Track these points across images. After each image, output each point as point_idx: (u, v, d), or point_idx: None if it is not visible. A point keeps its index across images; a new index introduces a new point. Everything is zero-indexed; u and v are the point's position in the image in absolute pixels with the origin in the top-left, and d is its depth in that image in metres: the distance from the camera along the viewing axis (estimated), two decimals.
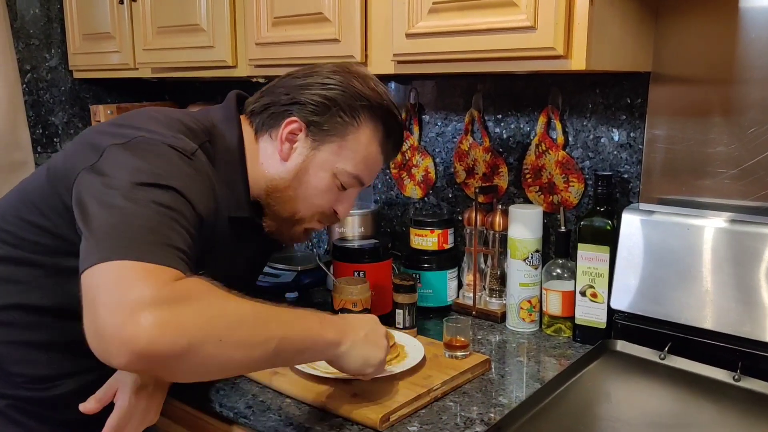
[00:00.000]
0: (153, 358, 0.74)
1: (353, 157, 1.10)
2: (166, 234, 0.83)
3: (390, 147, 1.15)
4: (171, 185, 0.88)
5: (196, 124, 1.04)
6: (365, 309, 1.32)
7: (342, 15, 1.31)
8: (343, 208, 1.15)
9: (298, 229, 1.15)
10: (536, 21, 1.04)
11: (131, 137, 0.94)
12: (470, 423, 1.01)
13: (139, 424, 1.00)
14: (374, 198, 1.81)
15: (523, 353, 1.30)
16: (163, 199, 0.86)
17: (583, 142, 1.43)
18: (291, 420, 1.02)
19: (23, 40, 2.02)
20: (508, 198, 1.55)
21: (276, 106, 1.10)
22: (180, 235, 0.85)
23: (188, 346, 0.75)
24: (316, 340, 0.93)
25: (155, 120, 1.01)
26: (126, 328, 0.72)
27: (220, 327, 0.79)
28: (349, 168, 1.10)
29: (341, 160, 1.09)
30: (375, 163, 1.14)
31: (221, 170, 1.04)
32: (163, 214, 0.85)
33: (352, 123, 1.08)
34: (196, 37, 1.60)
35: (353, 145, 1.09)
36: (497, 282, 1.49)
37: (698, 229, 1.19)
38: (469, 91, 1.59)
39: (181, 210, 0.87)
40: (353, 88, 1.08)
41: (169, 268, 0.79)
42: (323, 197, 1.11)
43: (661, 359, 1.20)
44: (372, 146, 1.11)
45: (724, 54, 1.20)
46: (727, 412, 1.08)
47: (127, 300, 0.74)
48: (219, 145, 1.06)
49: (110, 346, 0.74)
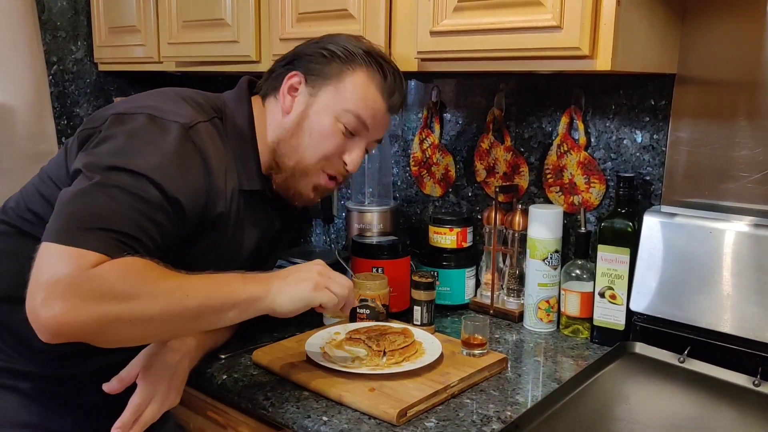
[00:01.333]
0: (66, 337, 0.84)
1: (351, 97, 1.13)
2: (111, 219, 0.89)
3: (390, 91, 1.16)
4: (141, 172, 0.93)
5: (206, 101, 1.11)
6: (383, 305, 1.33)
7: (367, 12, 1.31)
8: (351, 157, 1.16)
9: (306, 183, 1.16)
10: (562, 21, 1.04)
11: (133, 111, 1.01)
12: (487, 420, 1.02)
13: (160, 406, 1.02)
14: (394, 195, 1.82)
15: (541, 353, 1.30)
16: (128, 184, 0.92)
17: (605, 143, 1.43)
18: (309, 413, 1.03)
19: (50, 32, 2.04)
20: (528, 198, 1.55)
21: (278, 67, 1.17)
22: (130, 220, 0.91)
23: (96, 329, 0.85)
24: (239, 298, 0.96)
25: (166, 96, 1.07)
26: (39, 312, 0.83)
27: (128, 309, 0.85)
28: (349, 106, 1.12)
29: (340, 101, 1.13)
30: (375, 102, 1.15)
31: (232, 145, 1.10)
32: (121, 201, 0.91)
33: (348, 68, 1.13)
34: (220, 31, 1.62)
35: (350, 86, 1.13)
36: (515, 281, 1.49)
37: (720, 232, 1.19)
38: (491, 90, 1.59)
39: (144, 196, 0.93)
40: (350, 41, 1.16)
41: (93, 252, 0.86)
42: (327, 142, 1.13)
43: (680, 362, 1.20)
44: (370, 86, 1.14)
45: (750, 57, 1.19)
46: (747, 417, 1.07)
47: (42, 282, 0.84)
48: (229, 121, 1.11)
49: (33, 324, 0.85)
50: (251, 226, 1.15)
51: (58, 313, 0.82)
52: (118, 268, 0.86)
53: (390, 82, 1.17)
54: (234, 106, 1.14)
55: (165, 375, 1.03)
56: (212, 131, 1.06)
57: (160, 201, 0.94)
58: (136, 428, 1.00)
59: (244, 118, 1.13)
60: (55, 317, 0.82)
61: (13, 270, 1.04)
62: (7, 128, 1.86)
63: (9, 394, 1.07)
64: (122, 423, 0.99)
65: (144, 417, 1.01)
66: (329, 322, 1.38)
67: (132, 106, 1.03)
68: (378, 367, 1.12)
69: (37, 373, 1.06)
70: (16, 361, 1.07)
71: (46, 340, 0.86)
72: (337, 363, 1.13)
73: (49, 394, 1.07)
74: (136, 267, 0.88)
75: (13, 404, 1.06)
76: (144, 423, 1.01)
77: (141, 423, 1.01)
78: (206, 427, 1.25)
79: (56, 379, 1.07)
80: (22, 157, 1.90)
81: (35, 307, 0.84)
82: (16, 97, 1.86)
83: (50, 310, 0.82)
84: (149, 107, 1.02)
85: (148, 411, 1.00)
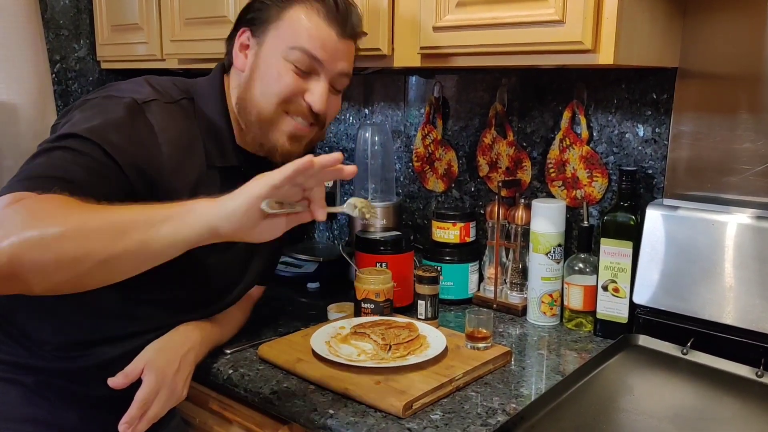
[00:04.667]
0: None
1: (293, 33, 1.09)
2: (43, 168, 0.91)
3: (333, 13, 1.10)
4: (83, 134, 0.95)
5: (177, 85, 1.13)
6: (387, 300, 1.34)
7: (369, 8, 1.32)
8: (312, 96, 1.10)
9: (276, 133, 1.12)
10: (565, 15, 1.04)
11: (95, 96, 1.05)
12: (492, 413, 1.02)
13: (166, 400, 1.03)
14: (396, 190, 1.82)
15: (544, 346, 1.31)
16: (70, 144, 0.94)
17: (607, 137, 1.43)
18: (315, 406, 1.04)
19: (53, 30, 2.05)
20: (531, 192, 1.56)
21: (231, 34, 1.17)
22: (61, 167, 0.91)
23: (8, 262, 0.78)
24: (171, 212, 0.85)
25: (133, 81, 1.10)
26: None
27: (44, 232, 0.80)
28: (292, 43, 1.09)
29: (283, 39, 1.10)
30: (321, 31, 1.10)
31: (203, 123, 1.11)
32: (58, 156, 0.92)
33: (284, 4, 1.11)
34: (223, 28, 1.59)
35: (290, 23, 1.10)
36: (518, 275, 1.49)
37: (722, 225, 1.19)
38: (494, 85, 1.59)
39: (86, 152, 0.93)
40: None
41: (17, 193, 0.85)
42: (279, 83, 1.09)
43: (683, 354, 1.21)
44: (311, 19, 1.09)
45: (752, 50, 1.20)
46: (750, 408, 1.08)
47: None
48: (199, 100, 1.13)
49: None
50: None
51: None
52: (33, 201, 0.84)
53: (332, 6, 1.11)
54: (205, 87, 1.15)
55: (170, 369, 1.04)
56: (174, 110, 1.08)
57: (100, 157, 0.94)
58: (143, 424, 1.00)
59: (215, 98, 1.14)
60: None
61: None
62: (11, 126, 1.87)
63: (13, 387, 1.07)
64: (129, 418, 0.99)
65: (150, 412, 1.01)
66: (334, 317, 1.39)
67: (99, 92, 1.07)
68: (383, 361, 1.13)
69: (41, 366, 1.06)
70: (20, 355, 1.07)
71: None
72: (342, 357, 1.14)
73: (54, 389, 1.08)
74: (55, 198, 0.85)
75: (17, 398, 1.06)
76: (150, 418, 1.01)
77: (147, 418, 1.01)
78: (212, 421, 1.26)
79: (61, 373, 1.08)
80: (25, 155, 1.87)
81: None
82: (19, 96, 1.87)
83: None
84: (110, 89, 1.07)
85: (154, 406, 1.01)
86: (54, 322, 1.06)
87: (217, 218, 0.83)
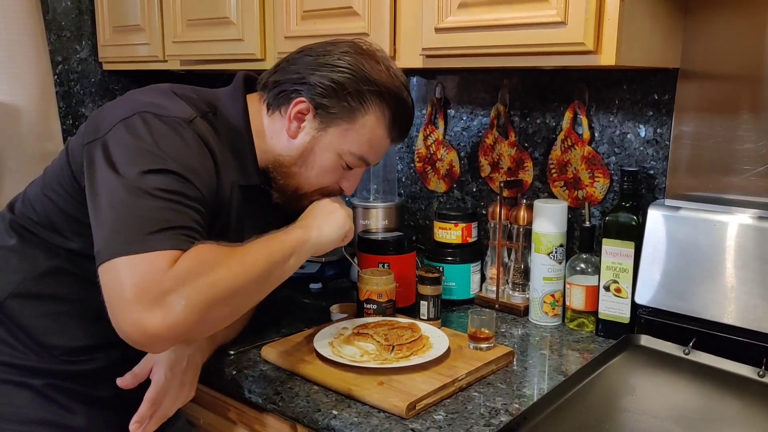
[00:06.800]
0: (177, 338, 0.84)
1: (359, 140, 1.12)
2: (167, 218, 0.89)
3: (397, 130, 1.17)
4: (171, 169, 0.93)
5: (198, 95, 1.10)
6: (390, 300, 1.34)
7: (371, 9, 1.32)
8: (348, 185, 1.18)
9: (305, 202, 1.17)
10: (566, 16, 1.05)
11: (135, 111, 0.99)
12: (495, 413, 1.03)
13: (174, 399, 1.04)
14: (398, 191, 1.83)
15: (546, 346, 1.31)
16: (166, 184, 0.91)
17: (609, 138, 1.44)
18: (319, 406, 1.04)
19: (55, 32, 2.05)
20: (532, 192, 1.56)
21: (286, 84, 1.12)
22: (185, 214, 0.91)
23: (199, 318, 0.84)
24: (292, 245, 1.01)
25: (159, 92, 1.06)
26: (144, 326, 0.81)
27: (217, 287, 0.87)
28: (354, 149, 1.12)
29: (347, 142, 1.12)
30: (381, 144, 1.16)
31: (227, 140, 1.09)
32: (167, 199, 0.90)
33: (359, 108, 1.10)
34: (225, 29, 1.62)
35: (359, 129, 1.12)
36: (520, 276, 1.50)
37: (724, 225, 1.20)
38: (495, 85, 1.60)
39: (183, 191, 0.93)
40: (363, 71, 1.09)
41: (167, 251, 0.85)
42: (327, 176, 1.15)
43: (685, 354, 1.21)
44: (378, 130, 1.13)
45: (753, 50, 1.20)
46: (751, 408, 1.08)
47: (129, 298, 0.82)
48: (222, 116, 1.10)
49: (138, 344, 0.84)
50: (251, 221, 1.15)
51: (162, 319, 0.81)
52: (194, 256, 0.87)
53: (400, 124, 1.15)
54: (228, 102, 1.13)
55: (178, 369, 1.05)
56: (208, 126, 1.06)
57: (195, 193, 0.95)
58: (152, 423, 1.02)
59: (239, 114, 1.12)
60: (162, 324, 0.81)
61: (22, 267, 1.06)
62: (14, 128, 1.88)
63: (21, 390, 1.07)
64: (140, 417, 1.00)
65: (160, 411, 1.03)
66: (336, 317, 1.39)
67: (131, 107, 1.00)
68: (386, 362, 1.13)
69: (51, 369, 1.07)
70: (28, 358, 1.08)
71: (157, 350, 0.89)
72: (345, 358, 1.14)
73: (62, 391, 1.08)
74: (206, 251, 0.89)
75: (25, 401, 1.06)
76: (160, 417, 1.03)
77: (157, 417, 1.03)
78: (216, 422, 1.27)
79: (69, 375, 1.08)
80: (28, 156, 1.92)
81: (136, 324, 0.82)
82: (22, 97, 1.87)
83: (154, 320, 0.81)
84: (148, 105, 1.00)
85: (163, 405, 1.02)
86: (63, 327, 1.07)
87: (321, 246, 1.08)
